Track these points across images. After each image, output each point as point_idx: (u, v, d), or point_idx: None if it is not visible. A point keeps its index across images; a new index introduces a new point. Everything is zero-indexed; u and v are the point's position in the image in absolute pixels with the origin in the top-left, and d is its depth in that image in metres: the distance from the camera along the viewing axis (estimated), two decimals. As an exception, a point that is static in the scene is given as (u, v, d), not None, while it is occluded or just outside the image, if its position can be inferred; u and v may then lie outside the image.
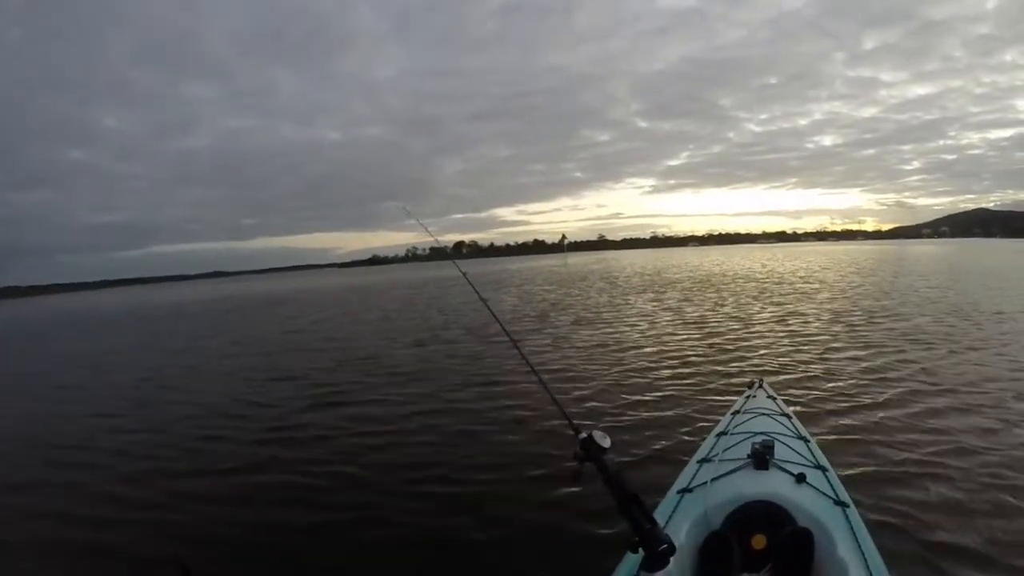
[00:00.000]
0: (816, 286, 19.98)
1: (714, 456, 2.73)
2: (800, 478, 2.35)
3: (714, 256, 67.92)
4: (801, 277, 24.86)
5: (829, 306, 14.04)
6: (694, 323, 12.33)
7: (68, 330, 24.92)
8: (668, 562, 1.61)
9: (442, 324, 15.19)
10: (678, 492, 2.45)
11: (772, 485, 2.33)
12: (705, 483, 2.42)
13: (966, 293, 15.67)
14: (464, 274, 3.37)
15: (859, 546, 1.93)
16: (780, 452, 2.61)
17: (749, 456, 2.57)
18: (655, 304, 16.91)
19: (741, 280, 24.69)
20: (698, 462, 2.76)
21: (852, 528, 2.05)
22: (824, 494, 2.28)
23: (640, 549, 1.62)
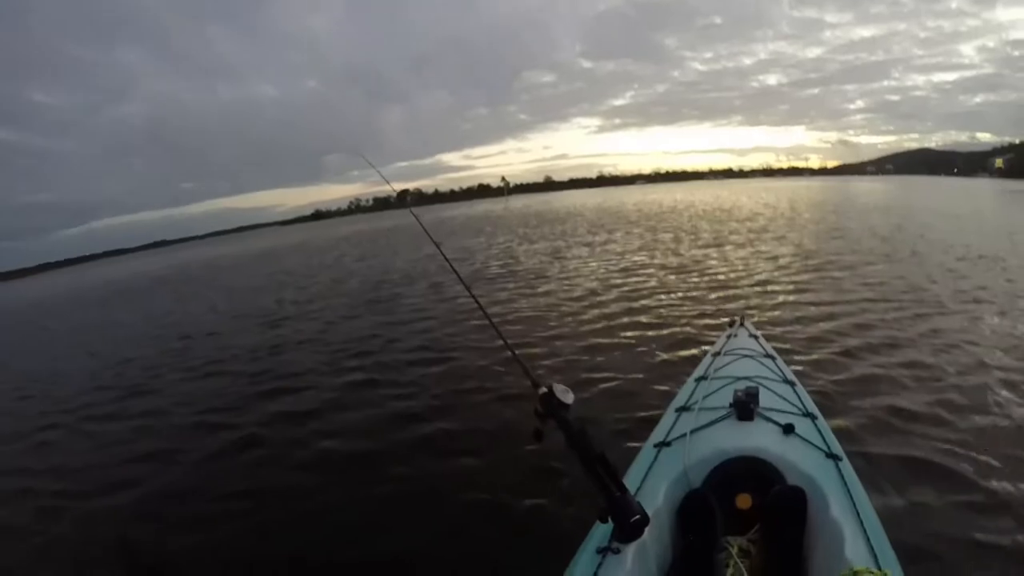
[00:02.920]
0: (780, 222, 20.21)
1: (693, 404, 2.65)
2: (788, 429, 2.27)
3: (664, 194, 68.69)
4: (761, 214, 25.09)
5: (800, 243, 14.13)
6: (659, 264, 12.26)
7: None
8: (643, 531, 1.60)
9: (377, 277, 15.37)
10: (655, 446, 2.35)
11: (757, 438, 2.25)
12: (684, 436, 2.33)
13: (936, 231, 15.74)
14: (417, 218, 3.22)
15: (853, 504, 1.83)
16: (765, 399, 2.52)
17: (731, 405, 2.48)
18: (610, 245, 16.86)
19: (698, 218, 24.91)
20: (676, 411, 2.65)
21: (846, 483, 1.95)
22: (814, 446, 2.19)
23: (610, 519, 1.59)
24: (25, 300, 34.41)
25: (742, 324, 4.25)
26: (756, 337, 3.91)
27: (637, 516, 1.58)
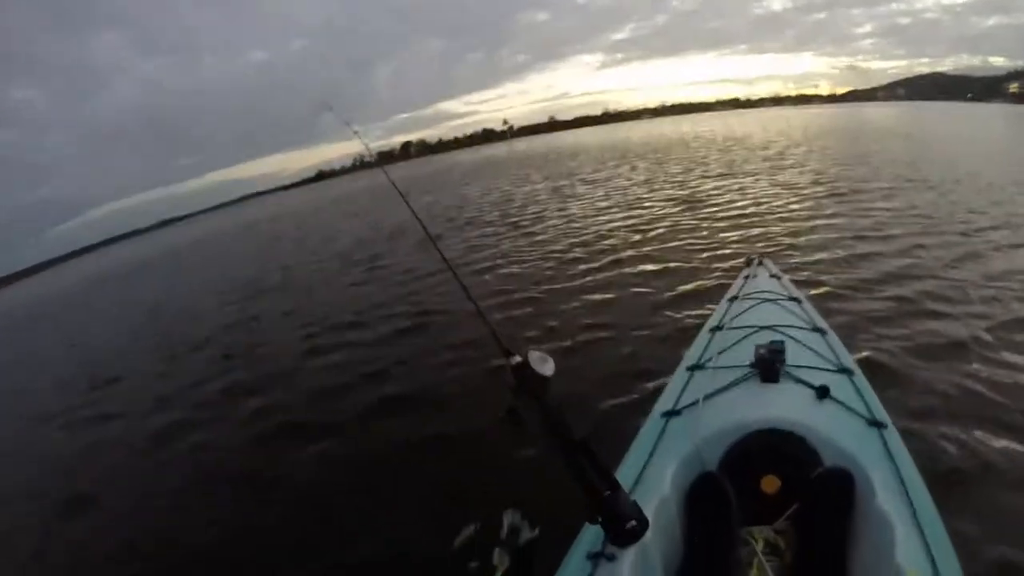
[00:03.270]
0: (796, 151, 18.97)
1: (707, 361, 2.32)
2: (821, 392, 1.91)
3: (671, 127, 66.75)
4: (774, 141, 23.87)
5: (820, 171, 13.06)
6: (666, 198, 11.58)
7: None
8: (639, 537, 1.37)
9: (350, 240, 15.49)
10: (663, 415, 2.04)
11: (785, 404, 1.89)
12: (696, 402, 2.00)
13: (959, 157, 14.43)
14: (387, 175, 2.97)
15: (904, 486, 1.52)
16: (793, 353, 2.14)
17: (753, 364, 2.09)
18: (613, 180, 16.24)
19: (707, 148, 23.92)
20: (688, 369, 2.33)
21: (893, 459, 1.64)
22: (854, 411, 1.86)
23: (599, 523, 1.36)
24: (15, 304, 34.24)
25: (761, 263, 3.85)
26: (778, 277, 3.52)
27: (632, 521, 1.34)
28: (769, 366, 2.03)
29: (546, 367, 1.37)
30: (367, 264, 10.32)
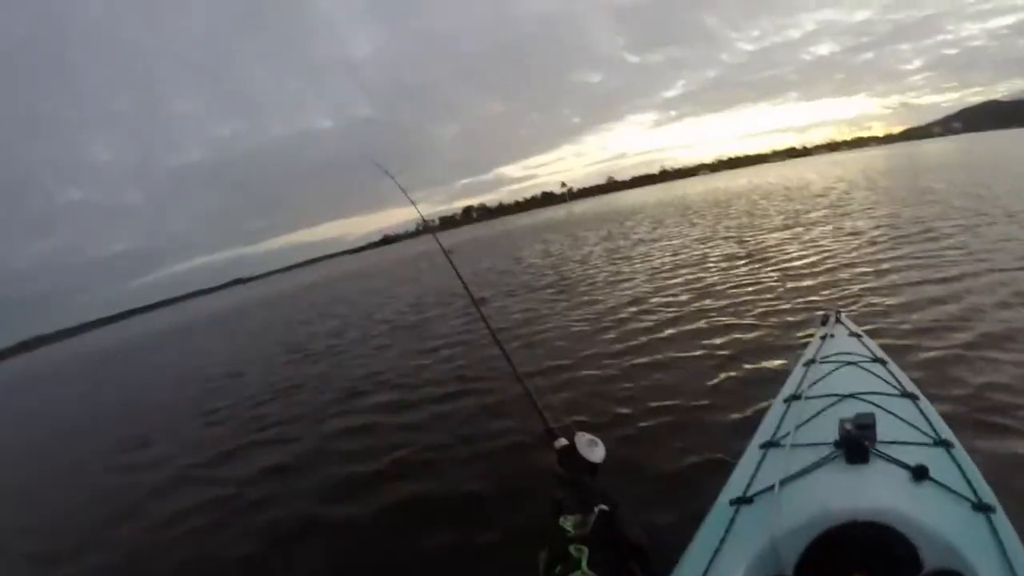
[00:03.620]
0: (859, 194, 18.31)
1: (784, 438, 2.03)
2: (919, 473, 1.61)
3: (729, 181, 66.27)
4: (834, 188, 23.13)
5: (890, 214, 12.41)
6: (727, 254, 11.06)
7: None
8: None
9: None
10: (731, 502, 1.76)
11: (876, 490, 1.60)
12: (772, 488, 1.72)
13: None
14: (436, 237, 3.19)
15: None
16: (883, 426, 1.84)
17: (837, 443, 1.80)
18: (671, 240, 15.75)
19: (767, 199, 23.44)
20: (761, 447, 2.06)
21: (1005, 552, 1.35)
22: (958, 495, 1.56)
23: None
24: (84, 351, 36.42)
25: (838, 320, 3.50)
26: (859, 336, 3.19)
27: None
28: (857, 444, 1.75)
29: (595, 452, 1.25)
30: (418, 330, 10.22)
